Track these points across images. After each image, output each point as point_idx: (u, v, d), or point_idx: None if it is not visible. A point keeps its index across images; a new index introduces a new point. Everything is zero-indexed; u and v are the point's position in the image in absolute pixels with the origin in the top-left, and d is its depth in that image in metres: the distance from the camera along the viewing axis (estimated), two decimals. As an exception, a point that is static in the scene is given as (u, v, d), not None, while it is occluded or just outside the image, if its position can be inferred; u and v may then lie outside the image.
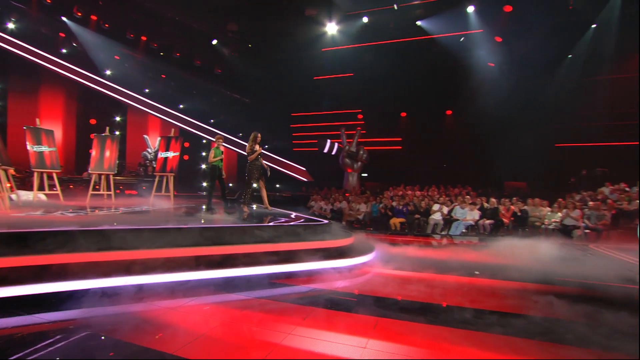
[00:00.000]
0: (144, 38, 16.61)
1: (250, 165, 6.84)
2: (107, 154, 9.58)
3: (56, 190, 8.62)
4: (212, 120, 20.07)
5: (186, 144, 19.19)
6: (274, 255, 4.54)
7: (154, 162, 16.56)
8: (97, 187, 9.62)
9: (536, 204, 9.82)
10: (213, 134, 18.96)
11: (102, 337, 2.65)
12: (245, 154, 6.92)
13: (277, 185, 18.94)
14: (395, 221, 10.02)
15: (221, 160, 7.20)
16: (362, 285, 4.34)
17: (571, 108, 15.21)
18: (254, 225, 5.22)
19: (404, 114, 18.74)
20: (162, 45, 17.25)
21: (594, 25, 13.99)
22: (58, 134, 15.30)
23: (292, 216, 7.11)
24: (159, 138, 10.86)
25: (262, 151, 7.26)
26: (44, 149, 8.59)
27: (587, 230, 8.52)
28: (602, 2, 13.18)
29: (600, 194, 11.05)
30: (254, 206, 7.93)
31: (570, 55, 15.05)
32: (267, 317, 3.18)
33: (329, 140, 16.90)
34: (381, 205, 10.84)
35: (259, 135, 6.96)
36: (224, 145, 7.69)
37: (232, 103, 20.91)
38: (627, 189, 11.15)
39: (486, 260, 6.07)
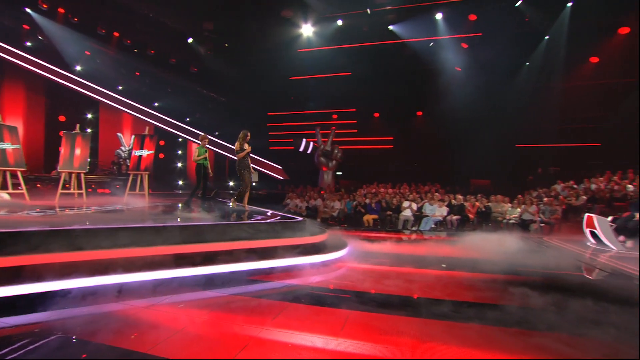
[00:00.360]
0: (116, 34, 15.91)
1: (240, 164, 6.75)
2: (78, 151, 9.12)
3: (21, 190, 8.11)
4: (187, 119, 19.56)
5: (161, 142, 18.63)
6: (251, 252, 4.49)
7: (128, 161, 15.94)
8: (67, 186, 9.16)
9: (498, 200, 10.25)
10: (189, 133, 18.48)
11: (74, 340, 2.54)
12: (235, 152, 6.80)
13: (254, 184, 18.74)
14: (368, 218, 10.16)
15: (205, 159, 7.06)
16: (335, 280, 4.37)
17: (529, 112, 16.00)
18: (231, 223, 5.14)
19: (377, 115, 19.01)
20: (136, 42, 16.58)
21: (547, 37, 14.77)
22: (24, 131, 14.42)
23: (268, 214, 7.06)
24: (133, 136, 10.46)
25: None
26: (7, 146, 8.04)
27: (542, 224, 8.99)
28: (553, 16, 13.92)
29: (553, 191, 11.67)
30: (231, 204, 7.80)
31: (527, 64, 15.80)
32: (244, 312, 3.14)
33: (304, 140, 16.90)
34: (355, 203, 10.96)
35: (249, 133, 6.88)
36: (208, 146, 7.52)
37: (208, 102, 20.46)
38: (575, 186, 11.86)
39: (455, 254, 6.29)
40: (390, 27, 14.99)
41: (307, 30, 15.30)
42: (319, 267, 4.81)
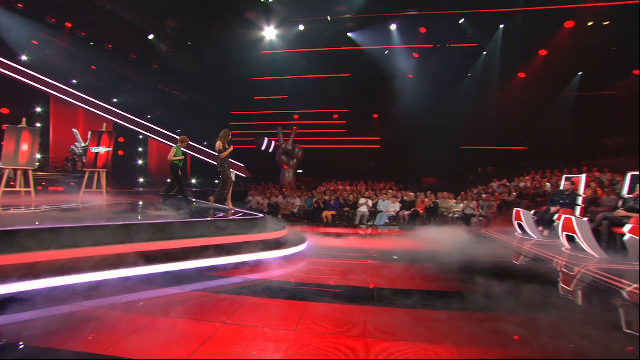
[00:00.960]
0: (68, 24, 14.59)
1: (223, 163, 6.57)
2: (24, 147, 8.29)
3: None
4: (148, 116, 18.52)
5: (120, 139, 17.48)
6: (212, 248, 4.41)
7: (83, 157, 14.75)
8: (12, 183, 8.32)
9: (444, 196, 10.84)
10: (150, 130, 17.54)
11: (21, 346, 2.35)
12: (217, 151, 6.56)
13: (216, 181, 18.24)
14: (327, 214, 10.30)
15: (180, 160, 6.79)
16: (295, 273, 4.41)
17: (471, 117, 17.11)
18: (192, 220, 4.99)
19: (335, 116, 19.28)
20: (92, 35, 15.32)
21: (484, 52, 15.91)
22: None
23: (230, 211, 6.93)
24: (90, 132, 9.71)
25: (202, 147, 7.00)
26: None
27: (480, 218, 9.67)
28: (489, 34, 15.01)
29: (490, 188, 12.58)
30: (193, 200, 7.57)
31: (469, 74, 16.86)
32: (204, 308, 3.09)
33: (266, 138, 16.74)
34: (314, 200, 11.06)
35: (230, 133, 6.70)
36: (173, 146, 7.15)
37: (170, 99, 19.50)
38: (508, 184, 12.89)
39: (407, 246, 6.60)
40: (349, 34, 15.25)
41: (270, 32, 15.12)
42: (279, 261, 4.82)
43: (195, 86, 18.31)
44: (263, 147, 16.73)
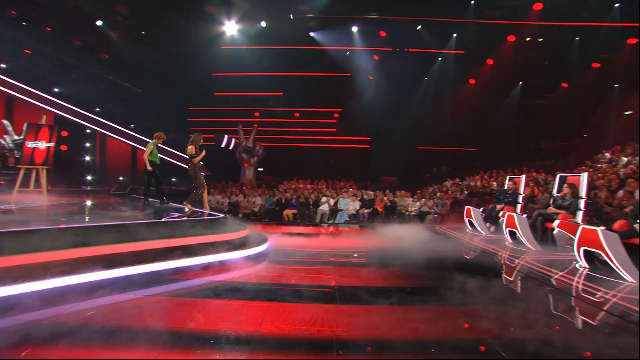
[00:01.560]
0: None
1: (195, 167, 6.48)
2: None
3: None
4: (97, 109, 17.14)
5: (64, 133, 16.02)
6: (171, 251, 4.24)
7: (16, 153, 13.29)
8: None
9: (402, 195, 11.32)
10: (99, 124, 16.27)
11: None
12: (190, 155, 6.43)
13: (173, 179, 17.42)
14: (288, 212, 10.31)
15: (157, 157, 6.55)
16: (257, 274, 4.39)
17: (427, 119, 18.01)
18: (147, 221, 4.76)
19: (297, 114, 19.28)
20: (24, 15, 13.66)
21: (439, 58, 16.85)
22: None
23: (188, 211, 6.70)
24: (26, 125, 8.79)
25: (160, 145, 6.70)
26: None
27: (435, 215, 10.25)
28: (444, 42, 15.92)
29: (444, 187, 13.35)
30: (148, 200, 7.19)
31: (426, 78, 17.72)
32: (163, 313, 2.97)
33: (226, 136, 16.28)
34: (275, 198, 11.01)
35: (202, 137, 6.68)
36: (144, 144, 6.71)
37: (122, 92, 18.19)
38: (460, 183, 13.77)
39: (366, 244, 6.81)
40: (312, 34, 15.32)
41: (230, 28, 14.71)
42: (241, 262, 4.76)
43: (151, 79, 17.26)
44: (223, 145, 16.26)
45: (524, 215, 6.34)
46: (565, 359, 2.23)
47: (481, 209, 8.11)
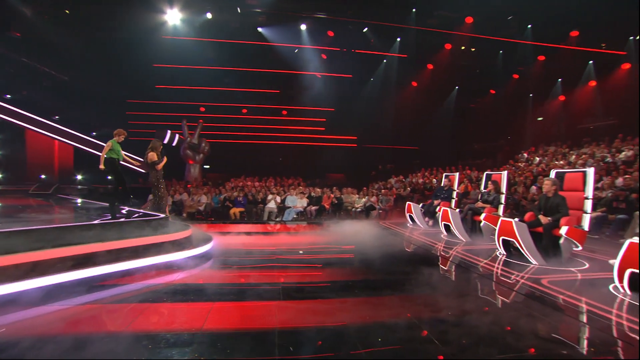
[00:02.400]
0: None
1: (158, 175, 6.30)
2: None
3: None
4: (8, 96, 15.03)
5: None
6: (102, 255, 3.95)
7: None
8: None
9: (349, 192, 11.68)
10: (10, 113, 14.25)
11: None
12: (151, 163, 6.24)
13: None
14: (235, 211, 10.10)
15: (118, 155, 6.09)
16: (200, 274, 4.27)
17: (373, 118, 18.77)
18: (79, 224, 4.37)
19: (244, 110, 18.88)
20: None
21: (385, 60, 17.65)
22: None
23: (125, 211, 6.26)
24: None
25: (91, 139, 6.16)
26: None
27: (380, 211, 10.75)
28: (389, 44, 16.71)
29: (389, 184, 14.05)
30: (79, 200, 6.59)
31: (372, 79, 18.43)
32: (93, 323, 2.77)
33: (169, 131, 15.38)
34: (222, 196, 10.71)
35: (161, 143, 6.56)
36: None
37: (42, 78, 16.17)
38: (403, 180, 14.59)
39: (311, 240, 6.93)
40: (260, 29, 15.07)
41: (173, 17, 13.87)
42: (184, 263, 4.59)
43: (81, 66, 15.57)
44: (166, 141, 15.35)
45: (457, 210, 6.95)
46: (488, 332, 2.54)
47: (421, 205, 8.71)
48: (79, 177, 15.57)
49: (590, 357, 2.29)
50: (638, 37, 15.15)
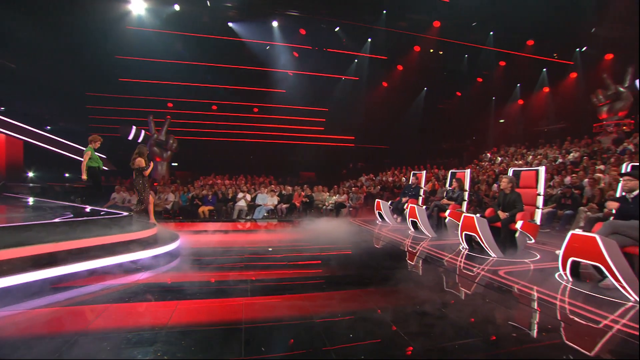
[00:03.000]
0: None
1: (144, 181, 6.32)
2: None
3: None
4: None
5: None
6: (61, 255, 3.72)
7: None
8: None
9: (320, 190, 11.75)
10: None
11: None
12: (140, 169, 6.24)
13: (66, 175, 15.06)
14: (204, 209, 9.86)
15: (99, 163, 6.27)
16: (166, 273, 4.14)
17: (344, 118, 18.99)
18: (34, 223, 4.09)
19: (214, 107, 18.46)
20: None
21: (356, 60, 17.90)
22: None
23: (88, 210, 5.95)
24: None
25: (45, 134, 5.81)
26: None
27: (350, 209, 10.89)
28: (360, 44, 16.98)
29: (359, 182, 14.27)
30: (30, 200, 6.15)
31: (343, 78, 18.64)
32: (45, 328, 2.62)
33: (134, 127, 14.72)
34: (190, 195, 10.42)
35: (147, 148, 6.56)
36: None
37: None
38: (374, 178, 14.89)
39: (279, 238, 6.91)
40: (230, 24, 14.76)
41: (137, 6, 13.25)
42: (149, 262, 4.42)
43: (32, 54, 14.39)
44: (131, 137, 14.68)
45: (424, 207, 7.20)
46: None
47: (389, 202, 8.93)
48: (30, 174, 14.48)
49: (539, 339, 2.47)
50: (584, 49, 16.50)
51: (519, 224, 4.87)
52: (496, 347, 2.31)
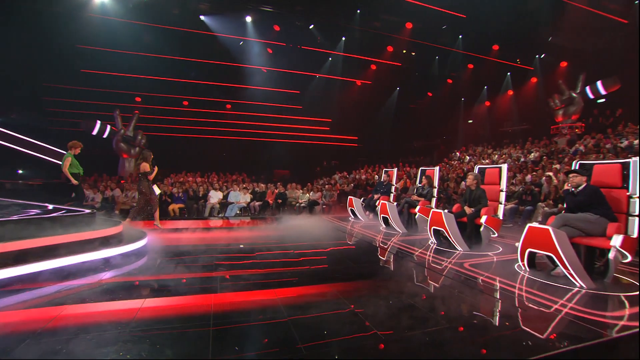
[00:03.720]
0: None
1: (149, 185, 6.71)
2: None
3: None
4: None
5: None
6: (15, 254, 3.48)
7: None
8: None
9: (293, 187, 11.74)
10: None
11: None
12: (145, 174, 6.65)
13: (20, 171, 14.08)
14: (174, 207, 9.57)
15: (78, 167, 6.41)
16: (130, 272, 3.98)
17: (318, 115, 19.05)
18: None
19: (186, 102, 17.92)
20: None
21: (330, 58, 18.00)
22: None
23: (50, 208, 5.61)
24: None
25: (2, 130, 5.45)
26: None
27: (323, 206, 10.96)
28: (334, 43, 17.07)
29: (333, 180, 14.38)
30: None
31: (317, 76, 18.67)
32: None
33: (98, 122, 13.97)
34: (160, 192, 10.05)
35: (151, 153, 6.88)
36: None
37: None
38: (347, 176, 15.05)
39: (249, 235, 6.84)
40: (202, 17, 14.35)
41: (101, -7, 12.57)
42: (114, 260, 4.25)
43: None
44: (95, 132, 13.93)
45: (395, 203, 7.37)
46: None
47: (362, 199, 9.06)
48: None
49: (501, 327, 2.61)
50: (542, 56, 17.57)
51: (483, 219, 5.10)
52: (462, 335, 2.42)
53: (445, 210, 5.28)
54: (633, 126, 11.98)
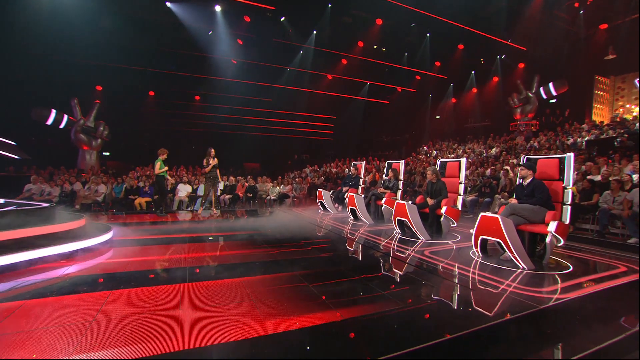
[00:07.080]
0: None
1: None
2: None
3: None
4: None
5: None
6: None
7: None
8: None
9: (264, 180, 11.71)
10: None
11: None
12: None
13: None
14: (141, 201, 9.27)
15: (166, 171, 8.11)
16: (94, 266, 3.89)
17: (288, 108, 19.00)
18: None
19: (152, 93, 17.21)
20: None
21: (301, 52, 17.95)
22: None
23: (2, 202, 5.29)
24: None
25: None
26: None
27: (294, 199, 11.05)
28: (306, 36, 17.03)
29: (304, 173, 14.49)
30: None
31: (288, 69, 18.57)
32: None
33: (53, 111, 13.12)
34: (125, 186, 9.70)
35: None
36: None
37: None
38: (318, 169, 15.21)
39: (214, 227, 6.82)
40: (168, 4, 13.78)
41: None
42: (76, 255, 4.12)
43: None
44: (49, 122, 13.08)
45: (362, 196, 7.60)
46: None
47: (331, 192, 9.24)
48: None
49: (458, 308, 2.86)
50: (503, 57, 18.57)
51: (443, 210, 5.43)
52: (424, 318, 2.63)
53: (409, 202, 5.55)
54: (578, 125, 13.07)
